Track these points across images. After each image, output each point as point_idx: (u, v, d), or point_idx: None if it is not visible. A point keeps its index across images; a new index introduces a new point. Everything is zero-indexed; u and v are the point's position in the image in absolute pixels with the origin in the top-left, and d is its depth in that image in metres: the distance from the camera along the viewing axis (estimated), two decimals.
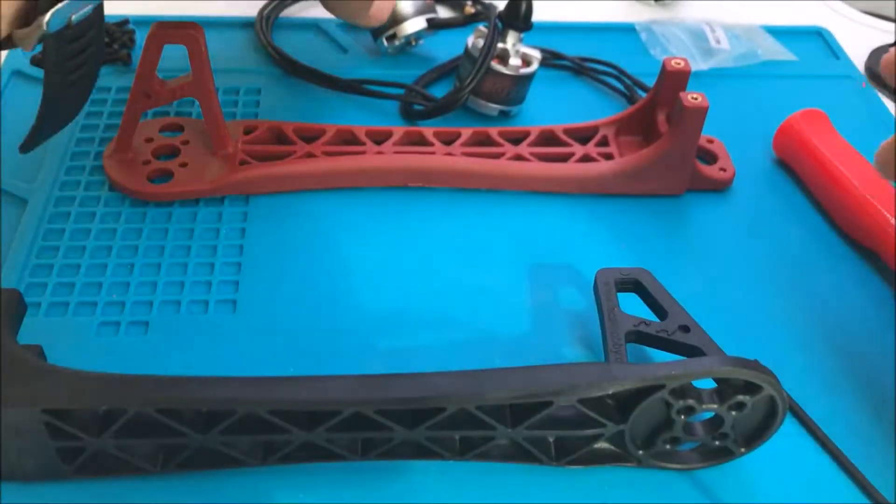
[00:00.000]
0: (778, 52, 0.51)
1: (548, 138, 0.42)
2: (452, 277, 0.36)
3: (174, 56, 0.37)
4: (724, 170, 0.41)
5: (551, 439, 0.29)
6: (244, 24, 0.51)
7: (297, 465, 0.28)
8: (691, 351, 0.29)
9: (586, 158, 0.41)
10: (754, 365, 0.27)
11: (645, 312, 0.31)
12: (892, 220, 0.36)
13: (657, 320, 0.30)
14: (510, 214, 0.39)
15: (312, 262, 0.36)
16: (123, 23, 0.49)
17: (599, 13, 0.54)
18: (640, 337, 0.30)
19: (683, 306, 0.30)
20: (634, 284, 0.31)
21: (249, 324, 0.33)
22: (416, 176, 0.40)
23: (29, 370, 0.26)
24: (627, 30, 0.52)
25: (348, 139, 0.41)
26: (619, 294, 0.31)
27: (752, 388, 0.27)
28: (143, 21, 0.49)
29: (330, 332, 0.33)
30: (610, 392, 0.26)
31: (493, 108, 0.43)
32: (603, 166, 0.40)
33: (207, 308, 0.34)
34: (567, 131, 0.42)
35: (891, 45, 0.51)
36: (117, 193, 0.38)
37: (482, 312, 0.35)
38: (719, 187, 0.41)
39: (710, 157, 0.42)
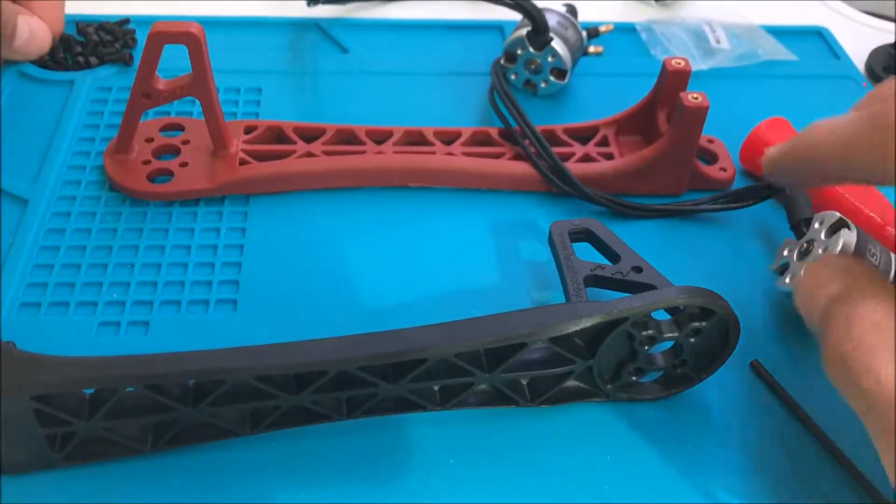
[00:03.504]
0: (778, 52, 0.51)
1: (548, 138, 0.42)
2: (454, 277, 0.36)
3: (174, 56, 0.37)
4: (724, 170, 0.41)
5: (525, 381, 0.31)
6: (243, 23, 0.51)
7: (295, 458, 0.28)
8: (646, 288, 0.30)
9: (586, 158, 0.41)
10: (706, 292, 0.29)
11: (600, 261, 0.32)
12: (891, 229, 0.36)
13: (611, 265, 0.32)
14: (511, 214, 0.39)
15: (312, 261, 0.36)
16: (124, 22, 0.49)
17: (599, 13, 0.54)
18: (597, 280, 0.31)
19: None
20: (586, 234, 0.33)
21: (250, 323, 0.33)
22: (416, 176, 0.40)
23: (14, 360, 0.26)
24: (628, 30, 0.52)
25: (348, 139, 0.41)
26: (573, 244, 0.33)
27: (706, 314, 0.29)
28: (143, 21, 0.49)
29: (330, 331, 0.33)
30: (578, 328, 0.28)
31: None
32: (603, 166, 0.40)
33: (207, 308, 0.34)
34: (567, 131, 0.42)
35: (891, 46, 0.51)
36: (117, 193, 0.38)
37: (484, 311, 0.34)
38: (719, 187, 0.41)
39: (710, 157, 0.42)
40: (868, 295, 0.24)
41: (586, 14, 0.50)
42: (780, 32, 0.53)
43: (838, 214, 0.33)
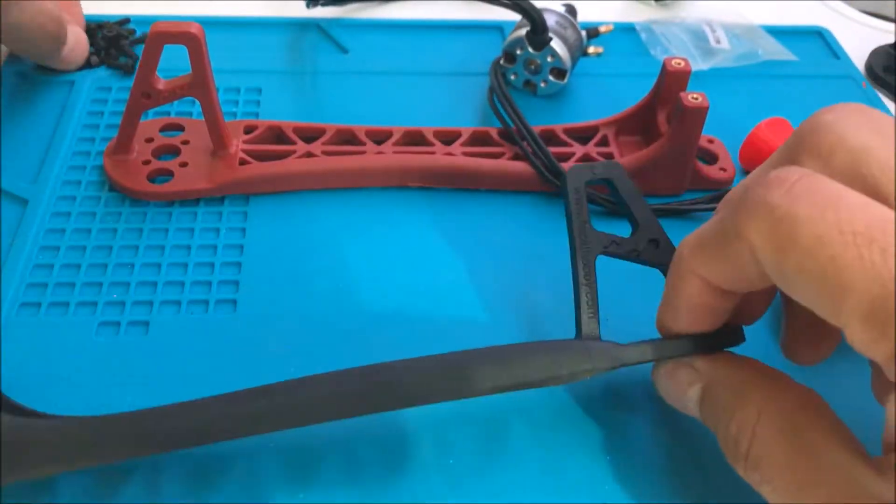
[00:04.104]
0: (778, 52, 0.51)
1: (548, 138, 0.42)
2: (453, 277, 0.36)
3: (174, 56, 0.37)
4: (724, 170, 0.41)
5: None
6: (243, 24, 0.51)
7: (295, 458, 0.28)
8: (660, 268, 0.30)
9: (586, 158, 0.41)
10: (728, 336, 0.28)
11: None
12: None
13: (626, 236, 0.31)
14: (511, 214, 0.39)
15: (313, 261, 0.36)
16: (124, 22, 0.49)
17: (599, 13, 0.54)
18: (611, 254, 0.30)
19: None
20: (607, 185, 0.31)
21: (250, 324, 0.33)
22: (416, 176, 0.40)
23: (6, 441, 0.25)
24: (627, 30, 0.52)
25: (348, 139, 0.41)
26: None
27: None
28: (143, 21, 0.49)
29: (330, 331, 0.33)
30: (589, 376, 0.28)
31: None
32: None
33: (207, 308, 0.34)
34: (567, 131, 0.42)
35: (891, 46, 0.51)
36: (117, 193, 0.38)
37: (484, 312, 0.35)
38: (720, 187, 0.41)
39: (710, 157, 0.42)
40: (731, 393, 0.25)
41: (586, 14, 0.51)
42: (780, 32, 0.53)
43: None
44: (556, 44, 0.44)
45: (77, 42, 0.44)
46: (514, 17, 0.47)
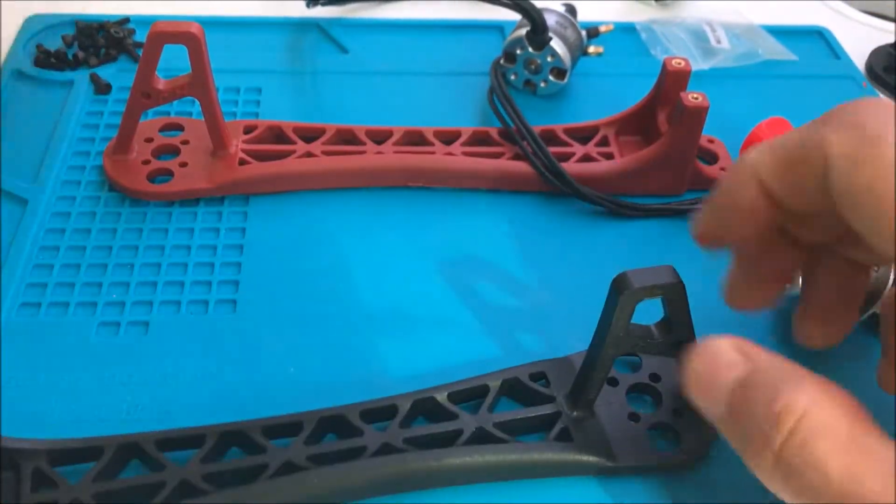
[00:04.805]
0: (778, 52, 0.51)
1: (548, 138, 0.42)
2: (453, 277, 0.36)
3: (174, 56, 0.37)
4: (724, 170, 0.41)
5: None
6: (243, 24, 0.51)
7: None
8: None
9: (586, 158, 0.41)
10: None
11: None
12: None
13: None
14: (510, 214, 0.39)
15: (312, 261, 0.36)
16: (124, 22, 0.49)
17: (599, 13, 0.54)
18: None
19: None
20: (661, 300, 0.28)
21: (249, 324, 0.33)
22: (416, 176, 0.40)
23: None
24: (628, 30, 0.52)
25: (348, 139, 0.41)
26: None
27: None
28: (143, 21, 0.49)
29: (330, 331, 0.33)
30: None
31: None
32: (603, 166, 0.40)
33: (207, 308, 0.34)
34: (567, 131, 0.42)
35: (891, 46, 0.51)
36: (117, 193, 0.38)
37: (483, 311, 0.35)
38: None
39: (710, 157, 0.42)
40: (780, 378, 0.22)
41: (586, 14, 0.50)
42: (780, 32, 0.53)
43: None
44: (556, 44, 0.44)
45: None
46: (514, 17, 0.46)
